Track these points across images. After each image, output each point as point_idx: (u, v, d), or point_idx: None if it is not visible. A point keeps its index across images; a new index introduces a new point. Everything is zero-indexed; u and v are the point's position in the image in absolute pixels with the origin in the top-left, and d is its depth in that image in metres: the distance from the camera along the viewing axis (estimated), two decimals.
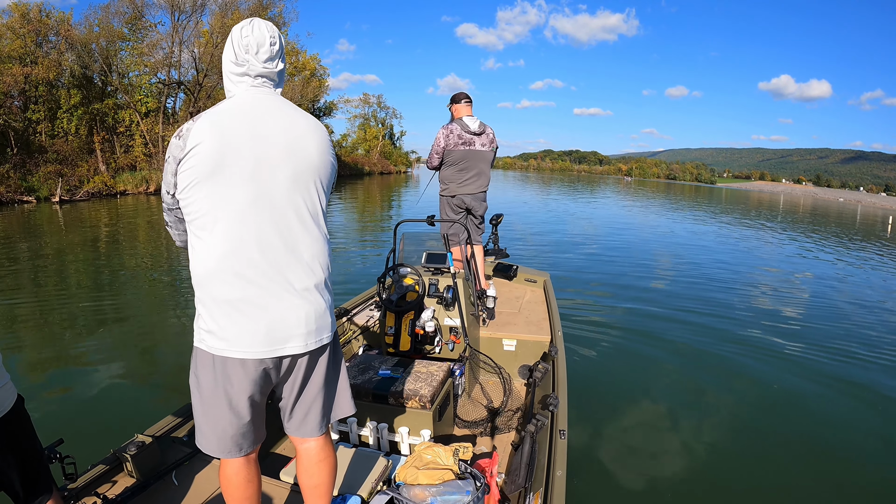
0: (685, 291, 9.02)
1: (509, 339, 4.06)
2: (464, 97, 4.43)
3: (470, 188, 4.47)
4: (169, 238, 12.81)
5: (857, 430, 4.38)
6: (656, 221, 23.19)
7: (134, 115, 27.17)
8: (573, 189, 50.37)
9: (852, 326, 7.42)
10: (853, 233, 25.05)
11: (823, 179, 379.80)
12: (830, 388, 5.17)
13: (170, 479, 2.28)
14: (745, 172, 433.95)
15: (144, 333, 6.16)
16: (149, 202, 21.40)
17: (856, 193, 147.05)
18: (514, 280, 5.59)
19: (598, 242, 14.55)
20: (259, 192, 1.52)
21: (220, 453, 1.67)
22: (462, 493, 2.21)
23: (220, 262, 1.50)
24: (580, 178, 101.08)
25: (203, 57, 28.12)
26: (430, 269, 3.84)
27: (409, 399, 2.76)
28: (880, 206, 66.25)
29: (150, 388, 4.77)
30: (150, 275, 9.17)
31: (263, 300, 1.53)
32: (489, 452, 2.95)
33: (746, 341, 6.43)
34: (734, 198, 64.48)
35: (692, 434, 4.14)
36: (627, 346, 5.98)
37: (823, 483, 3.60)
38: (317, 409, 1.77)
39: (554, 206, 27.58)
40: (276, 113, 1.60)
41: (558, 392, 2.96)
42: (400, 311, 3.50)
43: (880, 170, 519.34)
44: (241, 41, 1.59)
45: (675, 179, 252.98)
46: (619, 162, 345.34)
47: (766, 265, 12.76)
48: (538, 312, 4.59)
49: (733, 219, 27.76)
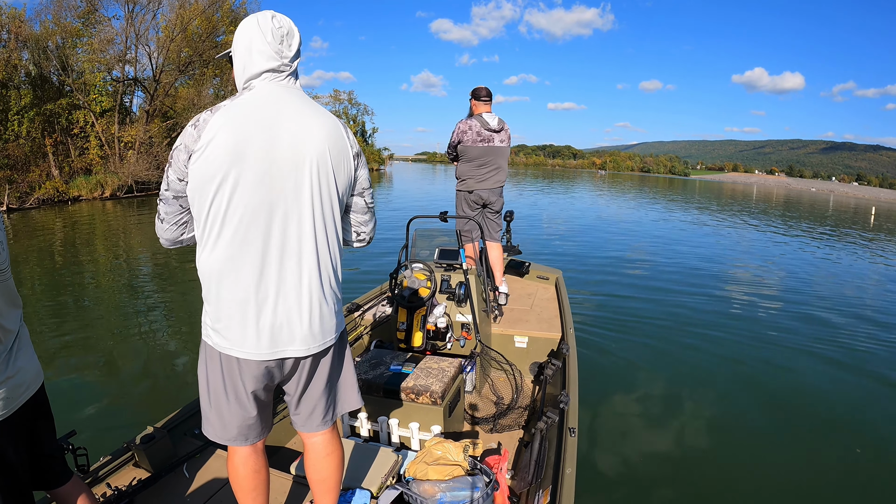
0: (698, 289, 8.88)
1: (521, 336, 4.07)
2: (484, 93, 4.41)
3: (488, 183, 4.47)
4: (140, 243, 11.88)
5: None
6: (643, 215, 23.02)
7: (89, 115, 25.72)
8: (549, 186, 50.03)
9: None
10: (839, 222, 25.69)
11: (796, 170, 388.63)
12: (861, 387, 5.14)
13: (181, 471, 2.29)
14: (718, 164, 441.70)
15: (151, 331, 6.28)
16: (104, 208, 20.13)
17: (828, 183, 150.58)
18: (526, 277, 5.61)
19: (599, 237, 14.54)
20: (270, 193, 1.50)
21: (226, 441, 1.69)
22: (471, 489, 2.24)
23: (226, 262, 1.49)
24: (555, 173, 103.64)
25: (161, 52, 26.72)
26: (442, 265, 3.89)
27: (419, 395, 2.76)
28: (852, 195, 67.78)
29: (162, 380, 4.86)
30: (147, 274, 9.12)
31: (268, 302, 1.52)
32: (499, 449, 2.97)
33: (765, 339, 6.37)
34: (709, 189, 65.48)
35: (704, 434, 4.10)
36: (641, 345, 5.92)
37: (839, 481, 3.58)
38: (323, 404, 1.78)
39: (537, 200, 27.38)
40: (293, 110, 1.55)
41: (569, 390, 2.93)
42: (412, 306, 3.50)
43: (852, 160, 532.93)
44: (275, 31, 1.55)
45: (650, 172, 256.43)
46: (593, 156, 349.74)
47: (783, 262, 12.57)
48: (550, 310, 4.57)
49: (728, 214, 28.01)
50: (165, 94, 27.46)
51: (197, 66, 28.74)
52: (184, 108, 27.09)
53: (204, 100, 27.12)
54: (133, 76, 27.36)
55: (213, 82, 29.74)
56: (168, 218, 1.60)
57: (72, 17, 25.53)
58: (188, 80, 29.38)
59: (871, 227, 25.07)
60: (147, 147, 25.71)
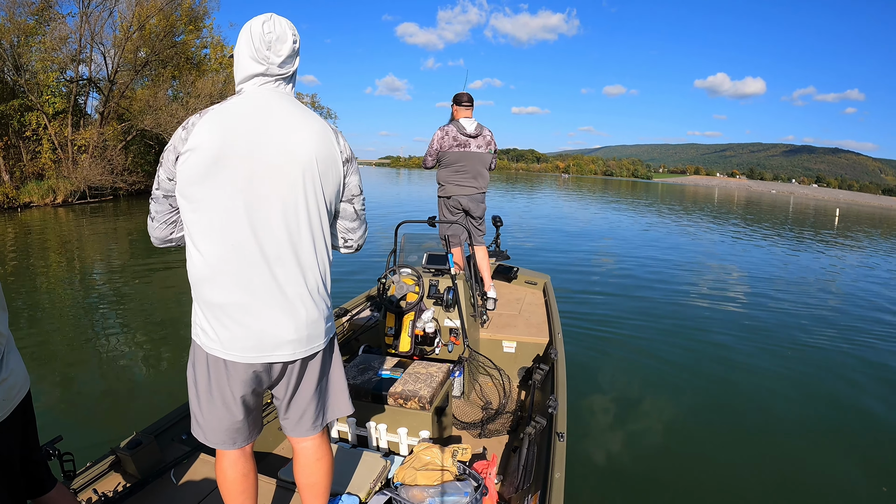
0: (683, 293, 8.98)
1: (509, 341, 4.07)
2: (465, 98, 4.43)
3: (466, 189, 4.49)
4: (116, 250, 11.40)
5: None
6: (614, 219, 23.43)
7: (42, 117, 24.57)
8: (513, 187, 50.25)
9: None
10: (803, 226, 26.45)
11: (757, 173, 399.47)
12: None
13: (168, 476, 2.27)
14: (680, 167, 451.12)
15: (150, 331, 6.25)
16: (56, 215, 19.14)
17: (788, 185, 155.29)
18: (514, 282, 5.63)
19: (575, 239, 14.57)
20: (256, 198, 1.50)
21: (214, 444, 1.68)
22: (460, 494, 2.24)
23: (213, 266, 1.50)
24: (518, 177, 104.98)
25: (117, 50, 25.59)
26: (430, 270, 3.87)
27: (408, 400, 2.76)
28: (812, 196, 69.93)
29: (148, 385, 4.80)
30: (107, 283, 8.81)
31: (255, 306, 1.53)
32: (487, 454, 2.97)
33: (756, 342, 6.46)
34: (672, 192, 66.70)
35: (693, 437, 4.14)
36: (628, 350, 5.98)
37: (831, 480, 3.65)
38: (312, 409, 1.77)
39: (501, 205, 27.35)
40: (281, 115, 1.56)
41: (557, 394, 2.92)
42: (400, 311, 3.50)
43: (811, 162, 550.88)
44: (263, 36, 1.55)
45: (613, 175, 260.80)
46: (556, 159, 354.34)
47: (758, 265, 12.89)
48: (538, 315, 4.59)
49: (700, 217, 28.89)
50: (121, 95, 26.38)
51: (154, 67, 27.80)
52: (140, 111, 26.10)
53: (160, 101, 26.15)
54: (88, 77, 26.30)
55: (171, 84, 28.74)
56: (158, 217, 1.62)
57: (26, 14, 24.40)
58: (147, 81, 28.39)
59: (836, 228, 25.75)
60: (101, 151, 24.68)
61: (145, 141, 27.80)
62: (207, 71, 31.16)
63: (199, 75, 29.52)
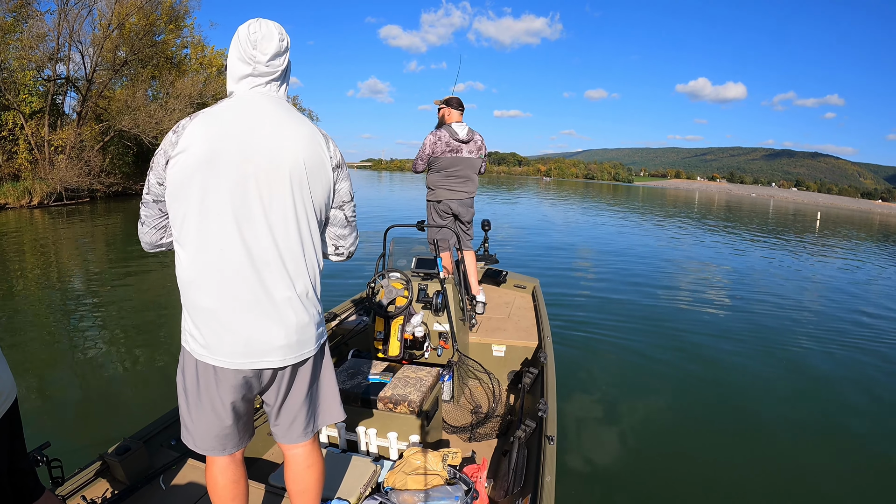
0: (671, 297, 9.01)
1: (498, 345, 4.07)
2: (455, 102, 4.43)
3: (457, 194, 4.50)
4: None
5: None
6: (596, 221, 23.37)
7: (18, 116, 24.04)
8: (495, 191, 50.41)
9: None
10: (785, 228, 26.97)
11: (737, 176, 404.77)
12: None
13: (157, 483, 2.26)
14: (661, 171, 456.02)
15: (132, 337, 6.14)
16: (32, 217, 18.66)
17: (768, 189, 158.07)
18: (503, 286, 5.63)
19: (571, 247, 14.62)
20: (244, 202, 1.49)
21: (204, 450, 1.67)
22: (451, 498, 2.24)
23: (201, 271, 1.49)
24: (500, 179, 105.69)
25: (95, 49, 25.09)
26: (419, 274, 3.87)
27: (397, 404, 2.74)
28: (791, 199, 71.18)
29: (138, 391, 4.74)
30: (85, 290, 8.49)
31: (243, 311, 1.50)
32: (478, 458, 2.97)
33: (744, 342, 6.53)
34: (653, 195, 67.44)
35: (682, 440, 4.14)
36: (617, 352, 5.98)
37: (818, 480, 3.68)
38: (303, 415, 1.74)
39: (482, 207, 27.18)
40: (271, 119, 1.55)
41: (547, 398, 2.92)
42: (389, 316, 3.47)
43: (791, 166, 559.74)
44: (248, 37, 1.55)
45: (594, 179, 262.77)
46: (537, 162, 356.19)
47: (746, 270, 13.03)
48: (527, 318, 4.59)
49: (685, 221, 29.35)
50: (99, 95, 25.91)
51: (134, 66, 27.36)
52: (118, 111, 25.65)
53: (139, 102, 25.76)
54: (66, 76, 25.81)
55: (150, 84, 28.32)
56: (148, 221, 1.62)
57: (4, 10, 23.87)
58: (126, 81, 27.93)
59: (817, 232, 26.16)
60: (78, 152, 24.19)
61: (123, 142, 27.27)
62: (188, 71, 30.83)
63: (179, 75, 29.20)
